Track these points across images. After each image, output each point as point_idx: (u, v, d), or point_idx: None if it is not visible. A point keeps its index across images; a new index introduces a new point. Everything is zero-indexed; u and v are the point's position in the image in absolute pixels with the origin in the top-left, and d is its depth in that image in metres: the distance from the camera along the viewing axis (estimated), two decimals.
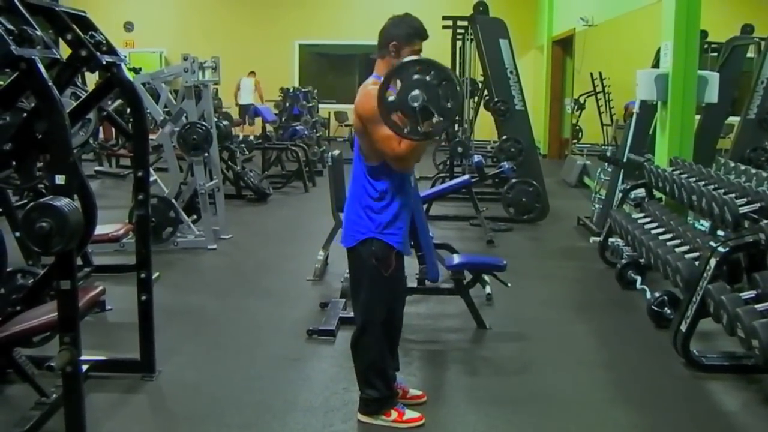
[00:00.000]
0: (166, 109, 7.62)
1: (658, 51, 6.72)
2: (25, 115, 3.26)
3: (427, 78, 3.01)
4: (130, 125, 5.86)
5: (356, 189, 3.43)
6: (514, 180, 8.50)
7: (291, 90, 13.55)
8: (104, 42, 3.64)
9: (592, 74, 13.96)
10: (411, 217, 3.61)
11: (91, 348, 3.83)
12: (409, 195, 3.50)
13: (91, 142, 6.07)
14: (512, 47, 9.17)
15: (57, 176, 2.76)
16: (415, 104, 2.99)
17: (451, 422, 3.63)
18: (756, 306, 3.79)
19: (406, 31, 3.35)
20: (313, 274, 6.09)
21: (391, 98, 3.05)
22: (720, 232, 5.10)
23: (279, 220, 8.96)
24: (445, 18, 11.16)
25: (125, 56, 4.30)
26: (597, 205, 8.19)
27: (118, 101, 7.91)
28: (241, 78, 17.02)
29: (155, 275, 4.20)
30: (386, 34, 3.38)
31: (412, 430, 3.50)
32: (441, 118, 3.05)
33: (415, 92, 2.99)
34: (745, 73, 9.21)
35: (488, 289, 5.53)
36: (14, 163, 3.29)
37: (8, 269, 4.17)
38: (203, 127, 7.13)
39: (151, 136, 5.76)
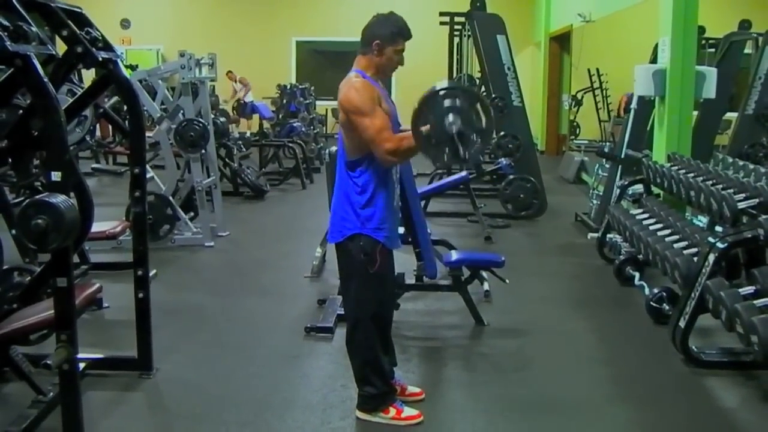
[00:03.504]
0: (163, 106, 7.61)
1: (656, 46, 6.71)
2: (20, 112, 3.25)
3: (458, 102, 3.04)
4: (126, 122, 5.85)
5: (341, 184, 3.43)
6: (511, 176, 8.50)
7: (288, 87, 13.54)
8: (100, 38, 3.63)
9: (589, 70, 13.97)
10: (397, 211, 3.59)
11: (88, 346, 3.82)
12: (392, 189, 3.47)
13: (88, 139, 6.05)
14: (509, 43, 9.16)
15: (53, 173, 2.75)
16: (453, 129, 3.00)
17: (450, 419, 3.62)
18: (755, 302, 3.78)
19: (390, 30, 3.34)
20: (311, 271, 6.08)
21: (425, 129, 3.07)
22: (718, 228, 5.10)
23: (276, 217, 8.95)
24: (442, 14, 11.17)
25: (122, 53, 4.29)
26: (595, 201, 8.18)
27: (115, 98, 7.88)
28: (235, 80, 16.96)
29: (152, 273, 4.18)
30: (369, 32, 3.37)
31: (410, 428, 3.49)
32: (479, 140, 3.07)
33: (450, 118, 3.01)
34: (742, 69, 9.21)
35: (486, 286, 5.52)
36: (10, 160, 3.27)
37: (4, 267, 4.16)
38: (200, 124, 7.11)
39: (147, 133, 5.75)
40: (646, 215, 5.80)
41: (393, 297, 3.81)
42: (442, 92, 3.07)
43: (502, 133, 9.01)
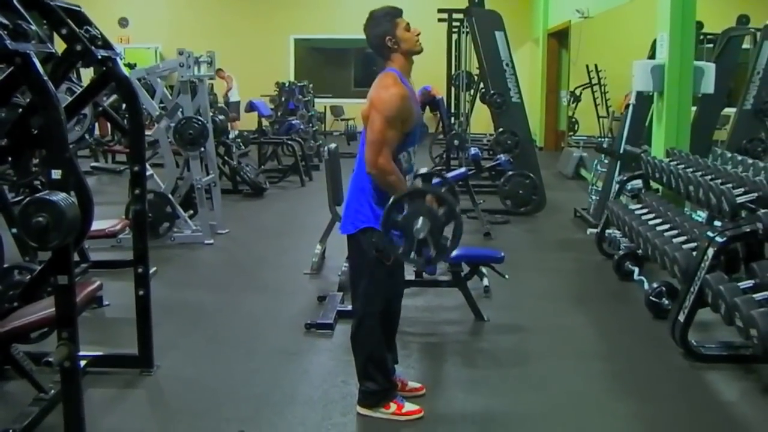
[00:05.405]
0: (161, 105, 7.60)
1: (654, 42, 6.72)
2: (20, 110, 3.25)
3: (438, 211, 3.15)
4: (125, 121, 5.86)
5: (359, 177, 3.42)
6: (510, 172, 8.50)
7: (287, 84, 13.53)
8: (99, 36, 3.62)
9: (587, 66, 13.98)
10: None
11: (88, 343, 3.83)
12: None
13: (87, 137, 6.05)
14: (508, 39, 9.15)
15: (53, 171, 2.75)
16: (421, 235, 3.11)
17: (450, 414, 3.63)
18: (754, 295, 3.79)
19: (385, 21, 3.36)
20: (311, 268, 6.08)
21: (399, 218, 3.16)
22: (717, 223, 5.10)
23: (276, 215, 8.95)
24: (440, 11, 11.17)
25: (120, 52, 4.29)
26: (594, 197, 8.19)
27: (114, 97, 7.88)
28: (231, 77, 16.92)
29: (152, 270, 4.19)
30: (375, 38, 3.38)
31: (410, 423, 3.50)
32: (436, 252, 3.18)
33: (420, 222, 3.11)
34: (741, 64, 9.21)
35: (486, 282, 5.52)
36: (10, 158, 3.28)
37: (5, 265, 4.17)
38: (199, 122, 7.11)
39: (147, 132, 5.75)
40: (645, 210, 5.80)
41: (401, 294, 3.79)
42: (415, 193, 3.22)
43: (500, 130, 9.02)
